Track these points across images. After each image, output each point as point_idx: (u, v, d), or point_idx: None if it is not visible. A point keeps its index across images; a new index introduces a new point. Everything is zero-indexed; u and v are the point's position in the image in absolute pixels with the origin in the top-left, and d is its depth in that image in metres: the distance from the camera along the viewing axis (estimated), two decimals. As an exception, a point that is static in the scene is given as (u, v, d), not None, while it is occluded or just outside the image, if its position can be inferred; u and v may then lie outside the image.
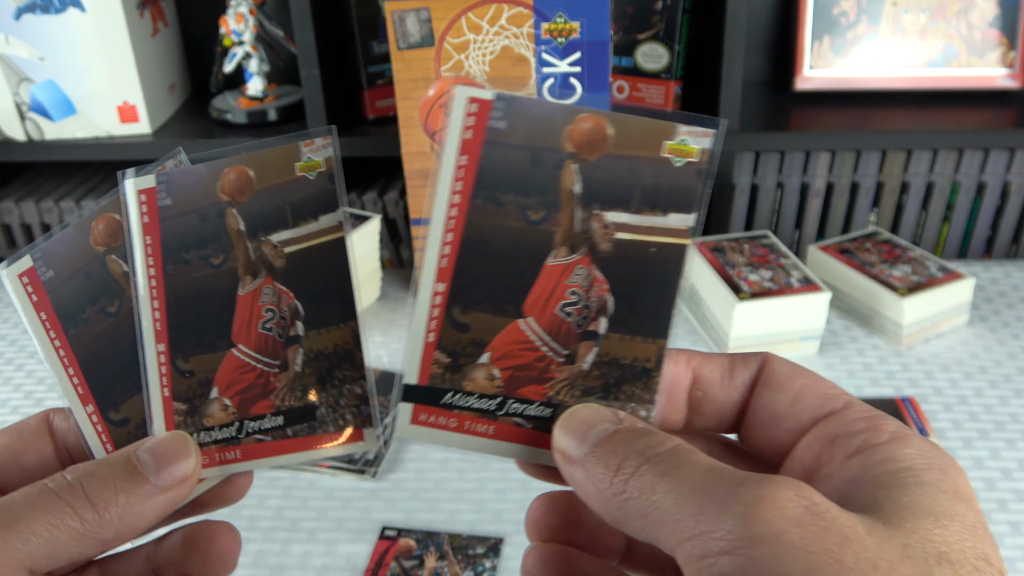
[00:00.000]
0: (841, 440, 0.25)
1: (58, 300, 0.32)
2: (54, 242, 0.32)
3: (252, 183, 0.31)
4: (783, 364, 0.28)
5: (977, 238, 1.08)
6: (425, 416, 0.29)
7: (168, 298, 0.31)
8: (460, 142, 0.28)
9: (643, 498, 0.23)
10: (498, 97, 0.28)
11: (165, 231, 0.31)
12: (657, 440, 0.25)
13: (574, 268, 0.28)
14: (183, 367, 0.31)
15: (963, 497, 0.23)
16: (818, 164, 1.04)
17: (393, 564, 0.66)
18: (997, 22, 1.03)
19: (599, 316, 0.29)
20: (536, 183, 0.28)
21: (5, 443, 0.30)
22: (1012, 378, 0.84)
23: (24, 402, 0.86)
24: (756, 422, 0.28)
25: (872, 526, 0.22)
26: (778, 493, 0.21)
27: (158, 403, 0.31)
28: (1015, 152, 1.02)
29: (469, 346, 0.29)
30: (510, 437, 0.29)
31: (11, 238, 1.13)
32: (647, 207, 0.28)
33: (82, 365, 0.32)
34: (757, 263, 0.91)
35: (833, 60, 1.05)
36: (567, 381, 0.29)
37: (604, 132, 0.28)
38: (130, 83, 1.01)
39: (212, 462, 0.31)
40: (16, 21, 0.97)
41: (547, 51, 0.83)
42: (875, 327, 0.91)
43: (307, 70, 0.96)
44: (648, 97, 1.04)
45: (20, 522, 0.25)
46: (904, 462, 0.24)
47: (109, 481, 0.27)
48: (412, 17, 0.84)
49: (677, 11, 0.99)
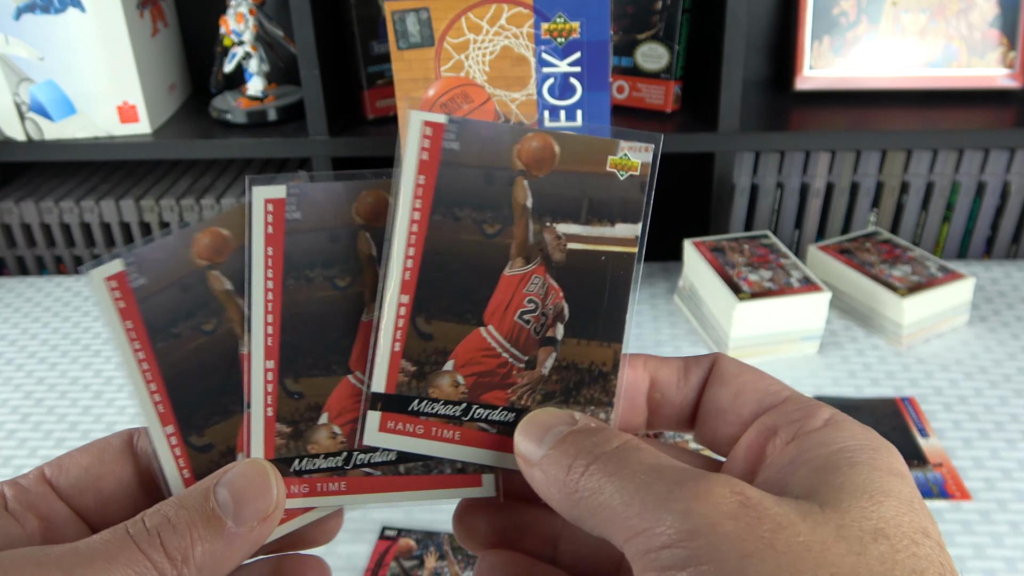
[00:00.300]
0: (781, 430, 0.27)
1: (148, 310, 0.30)
2: (151, 248, 0.30)
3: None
4: (730, 363, 0.30)
5: (977, 238, 1.08)
6: (393, 423, 0.30)
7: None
8: (417, 163, 0.29)
9: (593, 498, 0.24)
10: (450, 120, 0.29)
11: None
12: (605, 438, 0.26)
13: (530, 277, 0.30)
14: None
15: (897, 473, 0.24)
16: (818, 164, 1.04)
17: (393, 564, 0.66)
18: (997, 22, 1.03)
19: (556, 322, 0.30)
20: (490, 199, 0.29)
21: (85, 464, 0.29)
22: (1012, 378, 0.84)
23: (24, 402, 0.86)
24: (703, 419, 0.30)
25: (807, 510, 0.23)
26: (712, 490, 0.23)
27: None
28: (1015, 152, 1.02)
29: (434, 354, 0.30)
30: (475, 442, 0.30)
31: (11, 238, 1.13)
32: (595, 218, 0.30)
33: (167, 383, 0.30)
34: (757, 263, 0.91)
35: (833, 60, 1.05)
36: (528, 386, 0.30)
37: (551, 150, 0.29)
38: (130, 83, 1.01)
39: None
40: (16, 21, 0.97)
41: (547, 51, 0.83)
42: (875, 327, 0.91)
43: (307, 70, 0.96)
44: (648, 97, 1.04)
45: (100, 574, 0.24)
46: (836, 444, 0.25)
47: (186, 531, 0.26)
48: (412, 17, 0.84)
49: (677, 11, 0.99)
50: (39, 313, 1.01)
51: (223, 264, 0.30)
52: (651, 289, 1.02)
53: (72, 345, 0.95)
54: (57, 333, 0.97)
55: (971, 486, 0.71)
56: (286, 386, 0.30)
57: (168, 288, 0.30)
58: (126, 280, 0.30)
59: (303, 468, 0.30)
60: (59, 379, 0.90)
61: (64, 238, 1.12)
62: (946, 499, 0.70)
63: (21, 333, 0.98)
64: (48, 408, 0.85)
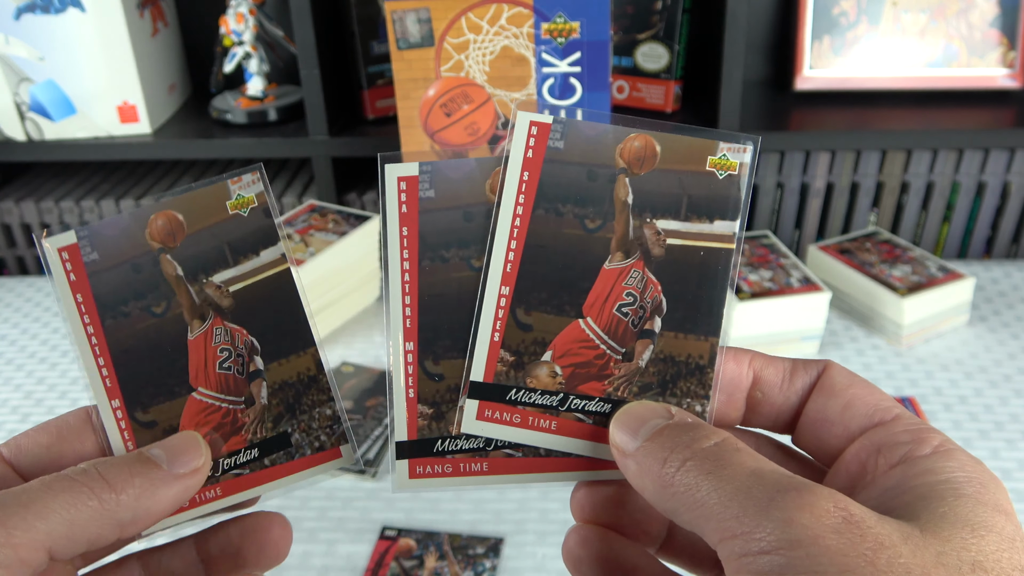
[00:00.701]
0: (886, 450, 0.27)
1: (99, 285, 0.30)
2: (105, 225, 0.30)
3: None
4: (841, 372, 0.30)
5: (977, 238, 1.08)
6: (490, 412, 0.30)
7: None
8: (523, 160, 0.30)
9: (689, 494, 0.24)
10: (556, 120, 0.30)
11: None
12: (703, 434, 0.26)
13: (629, 271, 0.31)
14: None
15: (1002, 511, 0.24)
16: (818, 164, 1.04)
17: (393, 564, 0.66)
18: (997, 22, 1.03)
19: (654, 315, 0.31)
20: (592, 195, 0.30)
21: (44, 443, 0.30)
22: (1012, 378, 0.84)
23: (24, 402, 0.86)
24: (808, 425, 0.30)
25: (908, 533, 0.23)
26: (817, 503, 0.23)
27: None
28: (1015, 152, 1.02)
29: (532, 345, 0.30)
30: (571, 432, 0.30)
31: (11, 238, 1.13)
32: (694, 215, 0.30)
33: (114, 358, 0.31)
34: (757, 263, 0.91)
35: (833, 60, 1.05)
36: (625, 378, 0.31)
37: (653, 149, 0.30)
38: (130, 83, 1.01)
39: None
40: (16, 21, 0.97)
41: (547, 51, 0.83)
42: (875, 327, 0.91)
43: (307, 70, 0.96)
44: (648, 97, 1.04)
45: (37, 502, 0.26)
46: (944, 474, 0.25)
47: (124, 466, 0.28)
48: (412, 17, 0.84)
49: (677, 11, 0.99)
50: (39, 313, 1.01)
51: (176, 248, 0.31)
52: (651, 289, 1.02)
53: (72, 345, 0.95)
54: (57, 333, 0.97)
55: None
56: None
57: (120, 266, 0.31)
58: (78, 253, 0.30)
59: (445, 448, 0.31)
60: (59, 379, 0.90)
61: (64, 238, 1.12)
62: (946, 499, 0.70)
63: (21, 333, 0.98)
64: (48, 408, 0.85)
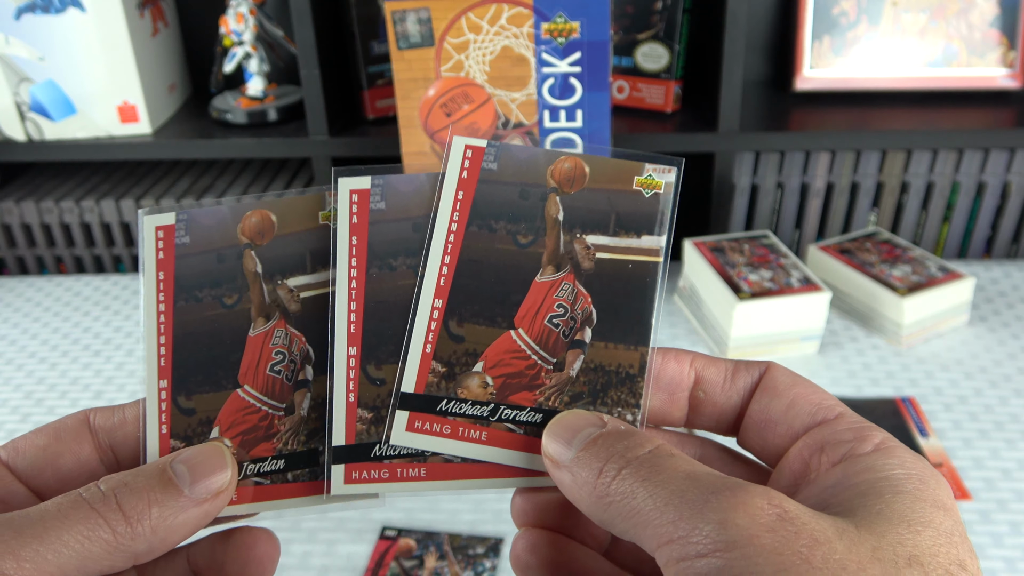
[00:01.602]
0: (829, 448, 0.27)
1: (182, 268, 0.31)
2: (203, 213, 0.32)
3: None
4: (784, 372, 0.30)
5: (977, 238, 1.08)
6: (420, 423, 0.31)
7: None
8: (457, 180, 0.32)
9: (624, 502, 0.24)
10: (489, 144, 0.32)
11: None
12: (637, 442, 0.26)
13: (560, 284, 0.31)
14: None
15: (941, 506, 0.24)
16: (818, 164, 1.04)
17: (393, 564, 0.66)
18: (997, 22, 1.03)
19: (584, 326, 0.31)
20: (524, 212, 0.32)
21: (41, 444, 0.30)
22: (1012, 378, 0.84)
23: (24, 402, 0.86)
24: (752, 426, 0.30)
25: (843, 529, 0.23)
26: (751, 501, 0.23)
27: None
28: (1015, 152, 1.02)
29: (464, 356, 0.31)
30: (503, 443, 0.30)
31: (11, 238, 1.13)
32: (622, 230, 0.32)
33: (175, 340, 0.31)
34: (757, 263, 0.91)
35: (833, 60, 1.05)
36: (556, 387, 0.31)
37: (582, 170, 0.32)
38: (130, 83, 1.01)
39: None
40: (16, 21, 0.97)
41: (547, 51, 0.83)
42: (875, 327, 0.91)
43: (307, 70, 0.96)
44: (648, 97, 1.04)
45: (51, 532, 0.25)
46: (884, 472, 0.25)
47: (143, 493, 0.27)
48: (412, 17, 0.84)
49: (677, 11, 0.99)
50: (39, 313, 1.01)
51: (262, 247, 0.32)
52: (651, 289, 1.02)
53: (72, 345, 0.95)
54: (57, 333, 0.97)
55: (971, 486, 0.71)
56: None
57: (206, 253, 0.32)
58: (173, 234, 0.32)
59: (383, 454, 0.31)
60: (59, 379, 0.90)
61: (64, 238, 1.12)
62: (946, 499, 0.70)
63: (21, 333, 0.98)
64: (48, 408, 0.85)
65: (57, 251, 1.13)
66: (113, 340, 0.96)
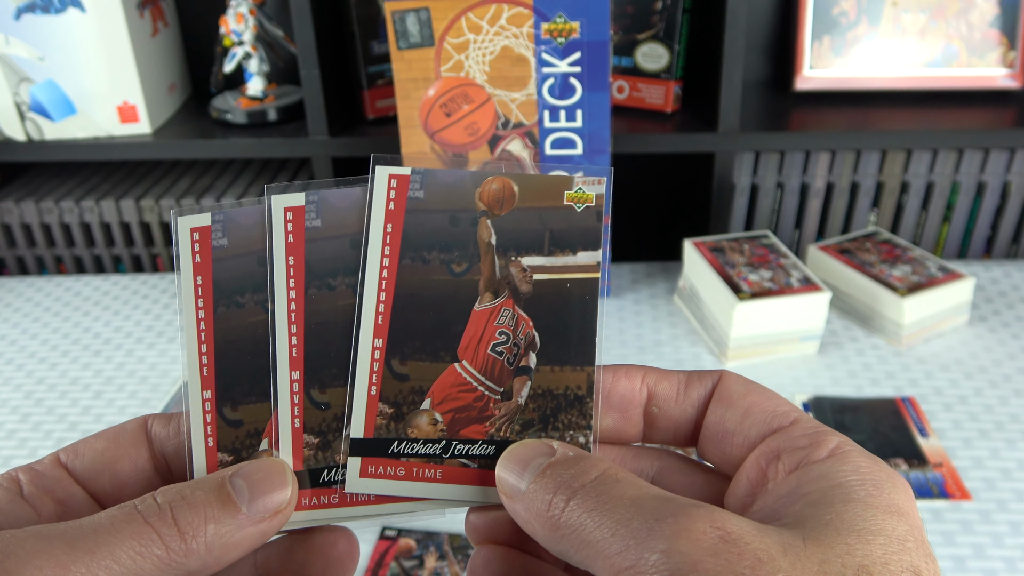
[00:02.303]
0: (785, 455, 0.26)
1: (221, 272, 0.30)
2: (242, 213, 0.30)
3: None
4: (737, 381, 0.30)
5: (977, 238, 1.08)
6: (374, 468, 0.30)
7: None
8: (385, 212, 0.30)
9: (575, 534, 0.24)
10: (414, 172, 0.31)
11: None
12: (582, 469, 0.26)
13: (500, 310, 0.31)
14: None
15: (896, 511, 0.24)
16: (818, 164, 1.04)
17: (393, 564, 0.66)
18: (997, 22, 1.03)
19: (528, 351, 0.31)
20: (456, 239, 0.31)
21: (100, 448, 0.29)
22: (1012, 378, 0.84)
23: (24, 402, 0.86)
24: (709, 437, 0.29)
25: (789, 544, 0.22)
26: (692, 526, 0.23)
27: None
28: (1015, 152, 1.02)
29: (410, 394, 0.30)
30: (458, 479, 0.30)
31: (11, 238, 1.13)
32: (557, 249, 0.31)
33: (217, 348, 0.30)
34: (757, 263, 0.91)
35: (833, 60, 1.05)
36: (506, 417, 0.30)
37: (511, 190, 0.31)
38: (130, 83, 1.01)
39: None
40: (16, 21, 0.97)
41: (547, 51, 0.83)
42: (875, 327, 0.91)
43: (307, 70, 0.96)
44: (648, 97, 1.04)
45: (104, 548, 0.24)
46: (837, 479, 0.25)
47: (200, 508, 0.26)
48: (412, 17, 0.84)
49: (677, 11, 0.99)
50: (39, 313, 1.01)
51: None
52: (651, 289, 1.02)
53: (72, 345, 0.95)
54: (57, 333, 0.97)
55: (971, 486, 0.71)
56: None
57: (246, 256, 0.30)
58: (209, 236, 0.30)
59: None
60: (59, 379, 0.90)
61: (64, 238, 1.12)
62: (946, 499, 0.70)
63: (21, 333, 0.98)
64: (48, 408, 0.85)
65: (57, 251, 1.13)
66: (113, 340, 0.96)
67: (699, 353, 0.90)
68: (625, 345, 0.91)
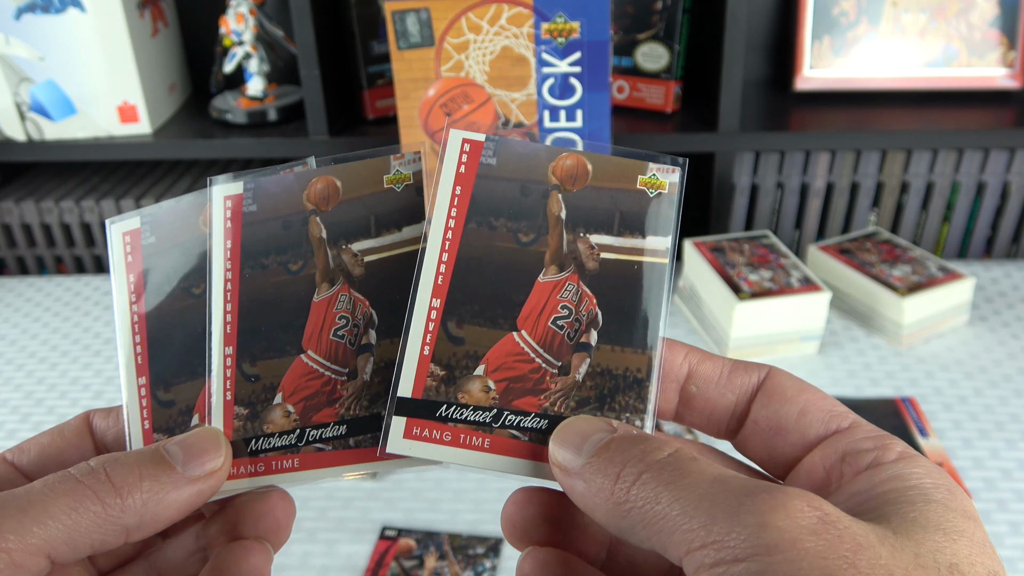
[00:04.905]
0: (851, 457, 0.26)
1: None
2: (164, 211, 0.32)
3: (338, 192, 0.32)
4: (789, 377, 0.29)
5: (977, 238, 1.08)
6: (419, 430, 0.29)
7: (242, 301, 0.31)
8: (455, 175, 0.31)
9: (647, 508, 0.23)
10: (488, 139, 0.31)
11: (247, 236, 0.31)
12: (655, 445, 0.25)
13: (564, 284, 0.30)
14: (249, 371, 0.31)
15: (971, 517, 0.24)
16: (818, 164, 1.04)
17: (393, 564, 0.66)
18: (997, 22, 1.03)
19: (589, 328, 0.30)
20: (525, 210, 0.31)
21: (46, 441, 0.30)
22: (1012, 378, 0.84)
23: (24, 402, 0.86)
24: (758, 432, 0.29)
25: (883, 535, 0.22)
26: (790, 503, 0.22)
27: (219, 406, 0.31)
28: (1015, 152, 1.02)
29: (464, 358, 0.30)
30: (506, 450, 0.29)
31: (11, 238, 1.13)
32: (627, 230, 0.31)
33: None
34: (757, 263, 0.91)
35: (833, 60, 1.05)
36: (562, 392, 0.30)
37: (585, 168, 0.31)
38: (130, 83, 1.01)
39: (268, 470, 0.30)
40: (16, 21, 0.97)
41: (547, 51, 0.83)
42: (875, 327, 0.91)
43: (307, 70, 0.96)
44: (648, 97, 1.04)
45: (36, 505, 0.25)
46: (912, 480, 0.24)
47: (134, 467, 0.26)
48: (412, 17, 0.84)
49: (677, 11, 0.99)
50: (39, 313, 1.01)
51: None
52: (651, 289, 1.02)
53: (72, 345, 0.95)
54: (57, 333, 0.97)
55: (971, 486, 0.71)
56: (243, 370, 0.31)
57: (171, 249, 0.32)
58: (139, 237, 0.32)
59: (260, 448, 0.30)
60: (59, 379, 0.90)
61: (64, 238, 1.12)
62: (946, 499, 0.70)
63: (21, 333, 0.98)
64: (48, 408, 0.85)
65: (57, 251, 1.13)
66: (113, 340, 0.96)
67: (699, 353, 0.90)
68: (625, 345, 0.91)
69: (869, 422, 0.28)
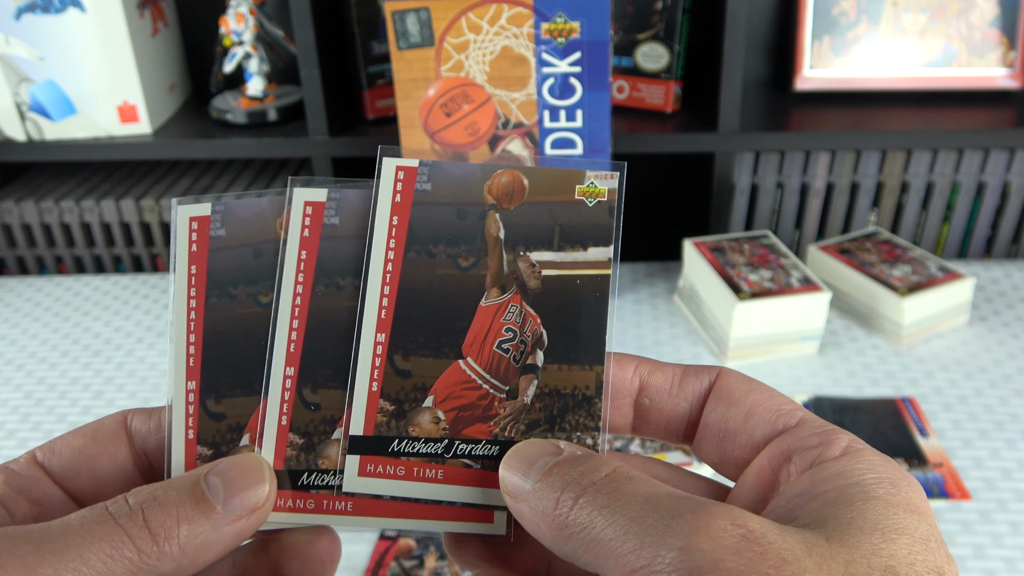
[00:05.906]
0: (797, 456, 0.26)
1: (216, 262, 0.30)
2: (241, 204, 0.30)
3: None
4: (737, 378, 0.28)
5: (977, 238, 1.08)
6: (372, 467, 0.29)
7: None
8: (391, 205, 0.30)
9: (585, 532, 0.23)
10: (421, 163, 0.30)
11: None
12: (592, 466, 0.25)
13: (507, 306, 0.30)
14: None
15: (915, 510, 0.23)
16: (818, 164, 1.04)
17: (393, 564, 0.66)
18: (997, 22, 1.03)
19: (535, 349, 0.30)
20: (463, 233, 0.30)
21: (78, 446, 0.28)
22: (1012, 378, 0.84)
23: (24, 402, 0.86)
24: (709, 436, 0.28)
25: (813, 544, 0.22)
26: (713, 523, 0.22)
27: (272, 431, 0.29)
28: (1015, 152, 1.02)
29: (412, 391, 0.29)
30: (460, 480, 0.29)
31: (11, 238, 1.13)
32: (568, 244, 0.30)
33: (206, 338, 0.29)
34: (757, 263, 0.91)
35: (833, 60, 1.05)
36: (511, 416, 0.29)
37: (521, 183, 0.30)
38: (130, 83, 1.01)
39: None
40: (16, 21, 0.97)
41: (547, 51, 0.83)
42: (875, 327, 0.91)
43: (307, 70, 0.96)
44: (648, 97, 1.04)
45: (72, 549, 0.23)
46: (853, 477, 0.24)
47: (172, 509, 0.25)
48: (412, 17, 0.84)
49: (677, 11, 0.99)
50: (39, 313, 1.01)
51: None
52: (651, 289, 1.02)
53: (72, 345, 0.95)
54: (57, 333, 0.97)
55: (971, 486, 0.71)
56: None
57: (242, 247, 0.30)
58: (207, 225, 0.30)
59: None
60: (59, 379, 0.90)
61: (64, 238, 1.12)
62: (946, 499, 0.70)
63: (21, 333, 0.98)
64: (48, 408, 0.85)
65: (57, 251, 1.13)
66: (113, 340, 0.96)
67: (699, 353, 0.90)
68: (625, 345, 0.91)
69: (819, 417, 0.27)
